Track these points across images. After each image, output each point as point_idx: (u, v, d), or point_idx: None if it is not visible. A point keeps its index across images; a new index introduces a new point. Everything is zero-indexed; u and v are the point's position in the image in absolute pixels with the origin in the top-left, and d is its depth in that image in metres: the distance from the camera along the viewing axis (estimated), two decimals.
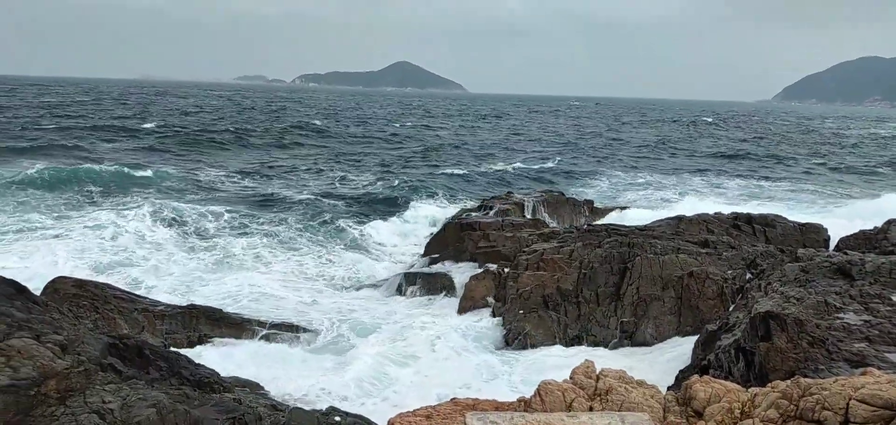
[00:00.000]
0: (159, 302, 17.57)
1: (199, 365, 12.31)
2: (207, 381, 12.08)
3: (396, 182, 40.29)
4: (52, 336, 10.25)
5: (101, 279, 18.49)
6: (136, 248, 23.25)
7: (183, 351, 12.98)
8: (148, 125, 67.16)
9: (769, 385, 6.21)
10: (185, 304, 17.55)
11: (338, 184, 39.72)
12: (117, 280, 19.76)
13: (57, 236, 23.83)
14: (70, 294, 15.63)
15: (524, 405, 6.03)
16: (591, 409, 5.97)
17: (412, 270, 22.26)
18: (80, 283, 16.34)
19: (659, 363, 16.81)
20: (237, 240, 25.10)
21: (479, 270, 21.14)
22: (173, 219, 26.69)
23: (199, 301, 18.32)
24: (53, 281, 16.20)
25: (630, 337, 17.55)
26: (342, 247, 25.85)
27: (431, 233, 26.11)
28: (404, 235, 28.27)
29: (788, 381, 6.06)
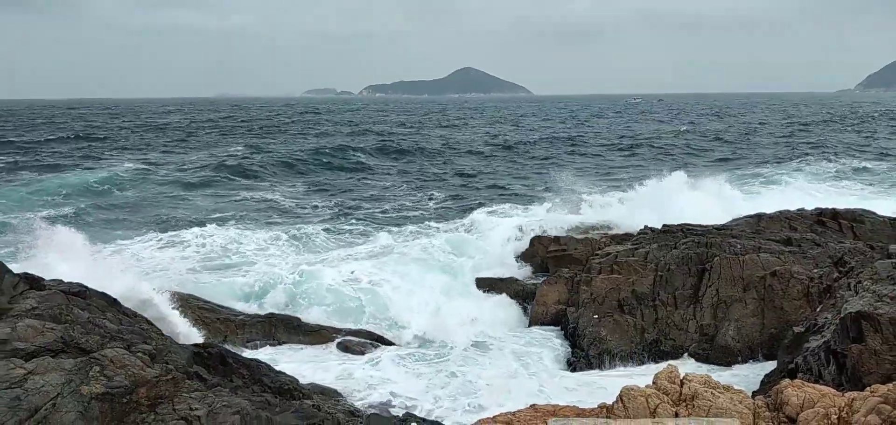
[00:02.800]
0: (240, 311, 18.12)
1: (279, 372, 12.64)
2: (287, 388, 12.37)
3: (466, 194, 40.25)
4: (141, 346, 10.71)
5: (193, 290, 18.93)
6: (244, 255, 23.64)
7: (262, 357, 13.30)
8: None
9: (867, 389, 5.87)
10: (264, 314, 18.01)
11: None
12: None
13: (142, 247, 24.68)
14: (156, 303, 16.30)
15: (606, 411, 5.89)
16: (676, 416, 5.78)
17: (483, 276, 22.14)
18: (167, 293, 17.04)
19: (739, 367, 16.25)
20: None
21: (551, 276, 20.88)
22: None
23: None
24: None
25: (710, 341, 16.99)
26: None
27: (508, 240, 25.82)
28: (476, 241, 28.11)
29: (890, 385, 5.71)
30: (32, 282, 11.76)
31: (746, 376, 15.43)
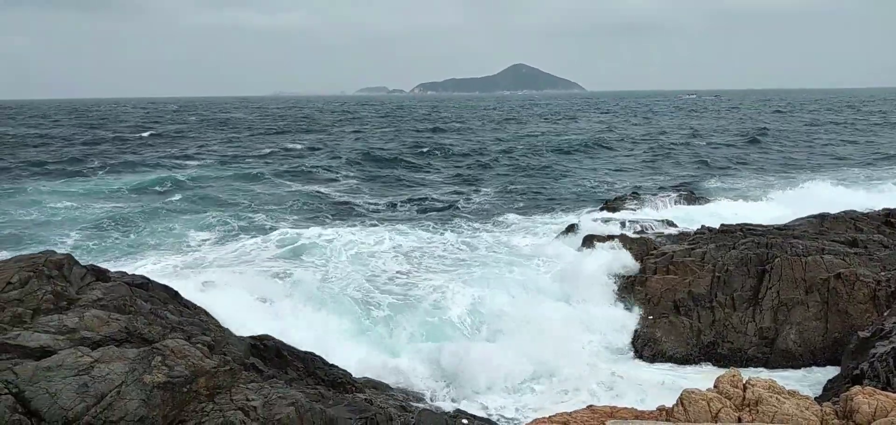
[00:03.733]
0: (294, 304, 18.33)
1: (332, 365, 12.79)
2: (340, 382, 12.52)
3: (516, 190, 39.97)
4: (201, 337, 10.98)
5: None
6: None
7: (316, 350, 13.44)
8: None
9: None
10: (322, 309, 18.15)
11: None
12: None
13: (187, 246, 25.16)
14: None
15: (666, 414, 5.75)
16: (739, 420, 5.61)
17: (533, 275, 21.92)
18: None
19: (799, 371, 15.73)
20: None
21: (605, 274, 20.53)
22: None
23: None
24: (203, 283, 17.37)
25: (770, 345, 16.47)
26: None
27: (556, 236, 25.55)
28: (530, 239, 27.85)
29: None
30: (98, 273, 12.17)
31: (808, 381, 14.94)
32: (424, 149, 58.37)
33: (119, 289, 11.54)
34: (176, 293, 12.99)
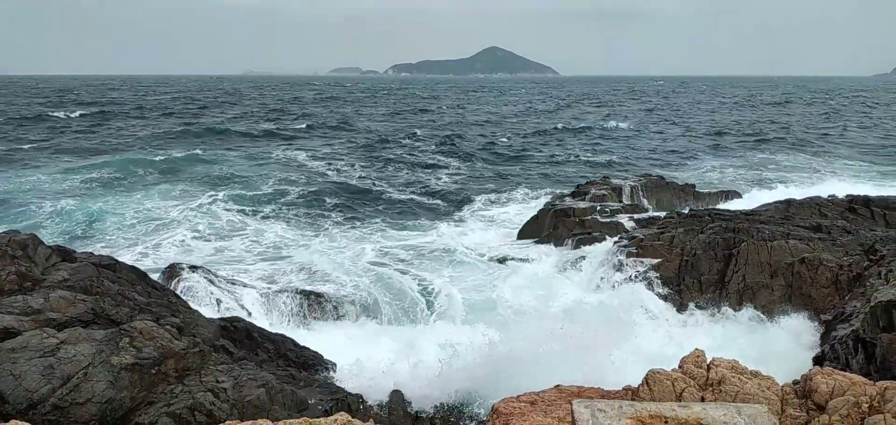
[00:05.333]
0: (265, 286, 18.27)
1: (303, 347, 12.77)
2: (311, 363, 12.51)
3: (492, 171, 40.27)
4: (170, 319, 10.88)
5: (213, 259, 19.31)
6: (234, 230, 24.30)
7: (288, 332, 13.43)
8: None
9: None
10: (291, 288, 18.13)
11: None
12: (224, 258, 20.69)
13: (165, 223, 25.24)
14: (185, 278, 16.53)
15: (631, 394, 5.86)
16: (702, 400, 5.73)
17: (505, 256, 22.13)
18: (194, 268, 17.25)
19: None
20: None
21: (575, 256, 20.79)
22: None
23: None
24: (170, 266, 17.17)
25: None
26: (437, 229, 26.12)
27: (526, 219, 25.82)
28: (497, 219, 28.15)
29: None
30: (64, 254, 11.98)
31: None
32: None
33: (85, 270, 11.39)
34: (144, 274, 12.85)
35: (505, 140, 57.04)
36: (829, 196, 22.83)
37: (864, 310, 12.94)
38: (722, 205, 26.55)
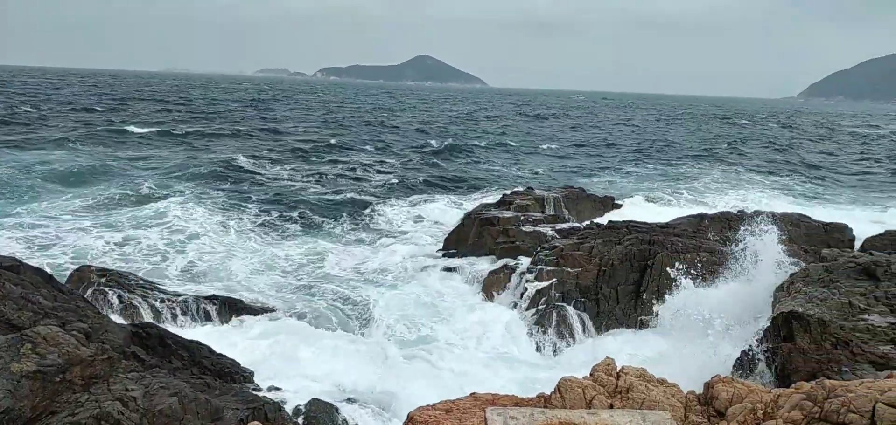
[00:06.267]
0: (180, 292, 17.75)
1: (220, 355, 12.46)
2: (228, 371, 12.22)
3: (420, 178, 40.41)
4: (77, 324, 10.42)
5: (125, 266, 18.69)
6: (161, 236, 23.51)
7: (204, 339, 13.07)
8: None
9: (793, 386, 6.13)
10: (207, 294, 17.69)
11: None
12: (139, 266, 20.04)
13: (78, 229, 24.13)
14: (94, 282, 15.87)
15: (544, 401, 6.01)
16: (611, 407, 5.93)
17: (429, 265, 22.23)
18: (104, 272, 16.57)
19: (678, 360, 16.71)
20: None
21: (498, 265, 21.06)
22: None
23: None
24: (79, 269, 16.44)
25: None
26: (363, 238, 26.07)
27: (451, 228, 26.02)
28: (422, 229, 28.26)
29: (813, 382, 5.98)
30: None
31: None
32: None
33: None
34: (51, 277, 12.27)
35: (434, 144, 57.49)
36: (739, 210, 23.98)
37: (768, 321, 13.65)
38: (637, 217, 27.46)
